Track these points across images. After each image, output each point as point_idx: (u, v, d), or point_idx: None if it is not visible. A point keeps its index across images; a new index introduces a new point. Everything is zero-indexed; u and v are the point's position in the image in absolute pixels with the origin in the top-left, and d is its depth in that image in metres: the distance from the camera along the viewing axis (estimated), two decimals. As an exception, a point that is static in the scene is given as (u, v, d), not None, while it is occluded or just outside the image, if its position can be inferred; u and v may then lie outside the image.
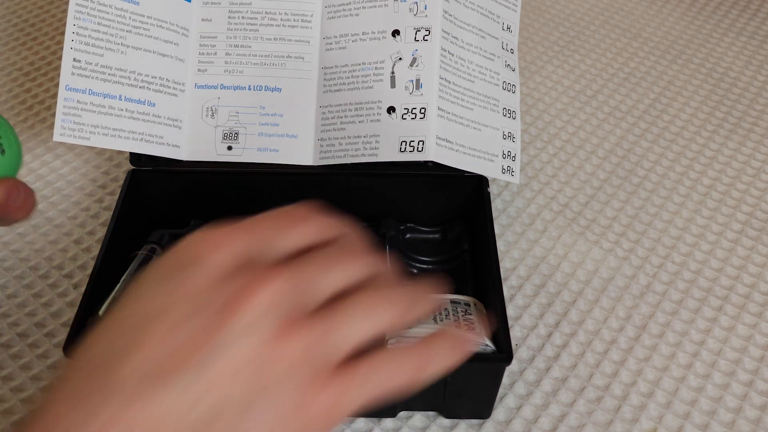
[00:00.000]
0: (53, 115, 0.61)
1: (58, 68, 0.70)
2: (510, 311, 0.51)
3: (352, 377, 0.26)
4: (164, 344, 0.24)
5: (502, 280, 0.47)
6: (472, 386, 0.43)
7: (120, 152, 0.62)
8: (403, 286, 0.29)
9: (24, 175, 0.60)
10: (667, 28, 0.79)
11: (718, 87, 0.71)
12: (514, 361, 0.48)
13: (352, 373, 0.26)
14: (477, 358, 0.42)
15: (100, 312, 0.44)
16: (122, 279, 0.47)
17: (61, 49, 0.52)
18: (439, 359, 0.28)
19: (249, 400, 0.24)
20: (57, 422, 0.24)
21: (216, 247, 0.27)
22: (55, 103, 0.48)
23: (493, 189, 0.60)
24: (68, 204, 0.58)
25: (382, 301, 0.28)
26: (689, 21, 0.80)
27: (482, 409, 0.45)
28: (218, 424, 0.24)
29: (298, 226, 0.29)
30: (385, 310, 0.27)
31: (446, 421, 0.45)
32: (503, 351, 0.41)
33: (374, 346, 0.27)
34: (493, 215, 0.58)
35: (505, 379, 0.47)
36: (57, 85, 0.65)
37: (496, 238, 0.56)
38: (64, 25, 0.49)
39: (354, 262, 0.28)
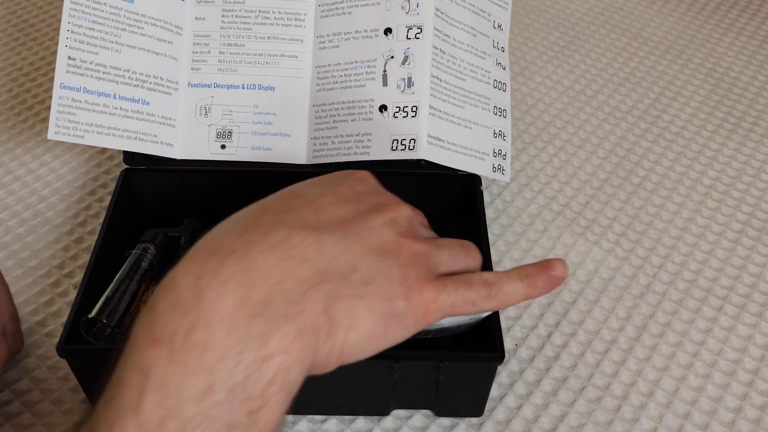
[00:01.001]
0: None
1: (57, 68, 0.70)
2: (510, 311, 0.51)
3: (447, 283, 0.33)
4: (328, 210, 0.33)
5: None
6: (464, 385, 0.43)
7: (121, 150, 0.62)
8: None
9: (23, 175, 0.60)
10: (667, 28, 0.79)
11: (718, 87, 0.71)
12: (514, 361, 0.48)
13: (449, 280, 0.34)
14: (469, 358, 0.42)
15: (92, 313, 0.44)
16: (115, 278, 0.46)
17: (61, 48, 0.52)
18: (508, 290, 0.35)
19: (377, 269, 0.32)
20: (236, 242, 0.30)
21: (372, 176, 0.37)
22: (56, 102, 0.48)
23: (493, 189, 0.60)
24: (69, 203, 0.58)
25: (469, 246, 0.37)
26: (689, 21, 0.80)
27: (474, 408, 0.45)
28: (354, 276, 0.31)
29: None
30: (474, 251, 0.37)
31: (446, 421, 0.45)
32: (495, 350, 0.41)
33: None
34: (494, 215, 0.58)
35: (505, 379, 0.47)
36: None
37: (497, 239, 0.56)
38: (63, 24, 0.49)
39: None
